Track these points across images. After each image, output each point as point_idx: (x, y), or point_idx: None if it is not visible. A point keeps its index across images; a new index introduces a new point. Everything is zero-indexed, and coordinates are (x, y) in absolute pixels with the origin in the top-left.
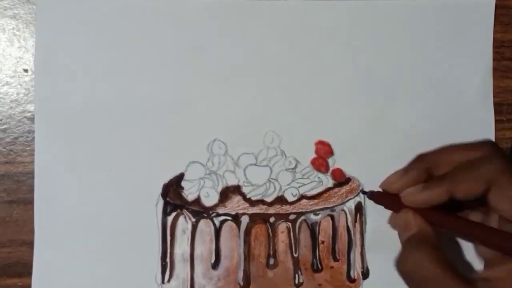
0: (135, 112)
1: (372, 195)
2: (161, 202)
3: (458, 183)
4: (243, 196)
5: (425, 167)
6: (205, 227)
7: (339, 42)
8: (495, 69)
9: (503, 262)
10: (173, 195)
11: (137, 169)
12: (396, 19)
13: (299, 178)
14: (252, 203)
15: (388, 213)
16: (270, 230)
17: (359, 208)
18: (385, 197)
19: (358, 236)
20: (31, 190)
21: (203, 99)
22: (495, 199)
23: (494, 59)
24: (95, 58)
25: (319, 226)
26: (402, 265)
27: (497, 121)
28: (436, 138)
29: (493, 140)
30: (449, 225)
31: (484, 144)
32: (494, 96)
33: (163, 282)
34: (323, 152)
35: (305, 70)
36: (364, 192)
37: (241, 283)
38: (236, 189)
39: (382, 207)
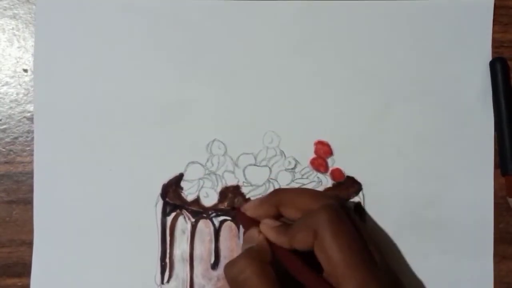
0: (134, 112)
1: (236, 213)
2: (160, 203)
3: (295, 234)
4: (243, 196)
5: (275, 203)
6: (205, 227)
7: (339, 42)
8: None
9: None
10: (172, 196)
11: (136, 169)
12: (396, 19)
13: (299, 178)
14: None
15: (389, 214)
16: None
17: (358, 208)
18: (244, 217)
19: None
20: (30, 190)
21: (202, 99)
22: (316, 252)
23: None
24: (94, 58)
25: None
26: (229, 268)
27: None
28: (436, 138)
29: (492, 140)
30: (285, 263)
31: (327, 196)
32: None
33: (162, 282)
34: (323, 152)
35: (305, 70)
36: (233, 208)
37: None
38: (235, 189)
39: (382, 207)
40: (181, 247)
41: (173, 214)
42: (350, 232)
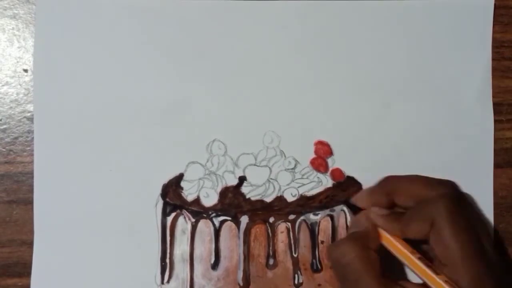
0: (134, 112)
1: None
2: (160, 203)
3: (409, 223)
4: (243, 196)
5: (387, 191)
6: (205, 227)
7: (339, 42)
8: (494, 69)
9: None
10: (172, 196)
11: (136, 169)
12: (396, 19)
13: (299, 178)
14: (252, 203)
15: None
16: (269, 230)
17: (359, 208)
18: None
19: None
20: (31, 190)
21: (202, 99)
22: (431, 241)
23: (493, 59)
24: (94, 58)
25: (319, 226)
26: (332, 250)
27: (496, 121)
28: (436, 138)
29: (492, 140)
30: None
31: (443, 183)
32: (493, 96)
33: (162, 282)
34: (323, 152)
35: (305, 70)
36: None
37: (241, 284)
38: (235, 189)
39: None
40: (181, 247)
41: (173, 214)
42: (467, 223)
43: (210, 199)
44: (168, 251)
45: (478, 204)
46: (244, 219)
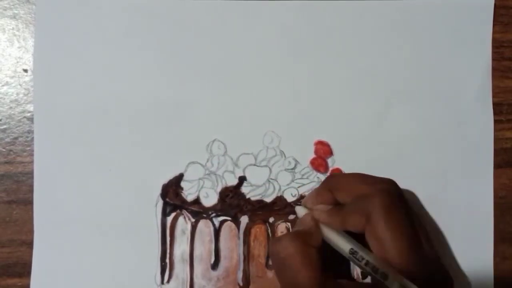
0: (134, 112)
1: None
2: (160, 203)
3: (346, 217)
4: (243, 196)
5: (330, 188)
6: (205, 227)
7: (339, 42)
8: (494, 69)
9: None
10: (172, 196)
11: (136, 169)
12: (395, 19)
13: (299, 178)
14: (252, 203)
15: None
16: (269, 230)
17: None
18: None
19: None
20: (30, 190)
21: (202, 99)
22: (367, 234)
23: (493, 59)
24: (94, 58)
25: None
26: (272, 244)
27: (496, 121)
28: (436, 138)
29: (492, 140)
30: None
31: (382, 180)
32: (493, 96)
33: (162, 282)
34: (323, 152)
35: (304, 70)
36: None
37: (241, 284)
38: (235, 190)
39: None
40: (181, 247)
41: (173, 214)
42: (403, 218)
43: (210, 199)
44: (168, 251)
45: (420, 201)
46: (244, 219)
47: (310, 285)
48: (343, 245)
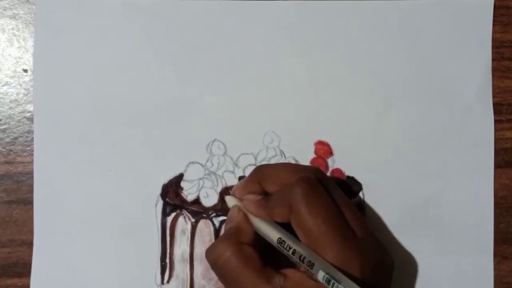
0: (134, 112)
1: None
2: (160, 203)
3: (272, 207)
4: None
5: (258, 179)
6: (205, 227)
7: (339, 42)
8: (494, 69)
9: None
10: (172, 196)
11: (136, 169)
12: (395, 19)
13: None
14: None
15: (389, 214)
16: None
17: (358, 208)
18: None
19: None
20: (30, 190)
21: (202, 99)
22: (292, 224)
23: (493, 59)
24: (94, 58)
25: None
26: (209, 254)
27: (496, 121)
28: (435, 138)
29: (492, 140)
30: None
31: (307, 169)
32: (493, 96)
33: (162, 282)
34: (323, 152)
35: (305, 70)
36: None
37: None
38: None
39: (382, 207)
40: (181, 247)
41: (173, 214)
42: (325, 205)
43: (210, 199)
44: (168, 251)
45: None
46: None
47: (254, 285)
48: (272, 234)
